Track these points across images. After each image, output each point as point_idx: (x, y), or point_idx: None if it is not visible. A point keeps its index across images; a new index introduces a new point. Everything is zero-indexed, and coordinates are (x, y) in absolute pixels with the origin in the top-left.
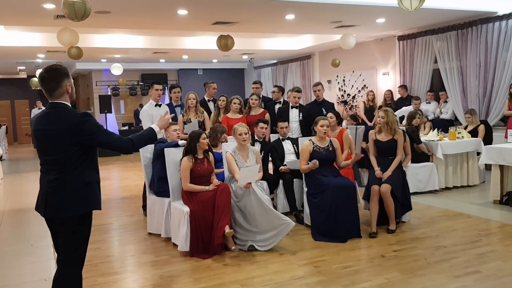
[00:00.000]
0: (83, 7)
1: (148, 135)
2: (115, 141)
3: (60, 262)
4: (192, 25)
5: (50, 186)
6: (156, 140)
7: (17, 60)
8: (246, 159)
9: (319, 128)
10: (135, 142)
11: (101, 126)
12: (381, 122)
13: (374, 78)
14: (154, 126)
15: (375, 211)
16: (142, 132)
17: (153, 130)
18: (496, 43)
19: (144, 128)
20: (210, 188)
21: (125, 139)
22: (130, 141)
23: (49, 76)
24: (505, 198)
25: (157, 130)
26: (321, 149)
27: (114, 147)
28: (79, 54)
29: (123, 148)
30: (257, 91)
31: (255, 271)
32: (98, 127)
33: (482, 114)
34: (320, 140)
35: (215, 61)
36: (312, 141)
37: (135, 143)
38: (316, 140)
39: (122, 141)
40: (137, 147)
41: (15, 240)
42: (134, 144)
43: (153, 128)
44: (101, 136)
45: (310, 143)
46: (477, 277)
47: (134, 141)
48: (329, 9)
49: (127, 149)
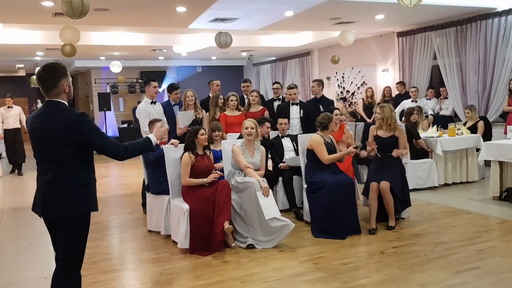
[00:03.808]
0: (81, 4)
1: (144, 144)
2: (110, 146)
3: (59, 261)
4: (191, 22)
5: (47, 187)
6: (152, 150)
7: (16, 58)
8: (252, 154)
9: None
10: (129, 150)
11: (98, 129)
12: (378, 118)
13: (373, 75)
14: (151, 136)
15: (374, 208)
16: (138, 140)
17: (149, 140)
18: (496, 39)
19: (141, 126)
20: (209, 180)
21: (120, 145)
22: (124, 148)
23: (46, 74)
24: (504, 194)
25: (153, 141)
26: (328, 144)
27: (108, 151)
28: (72, 51)
29: (117, 154)
30: (247, 90)
31: (255, 268)
32: (95, 129)
33: (482, 110)
34: (325, 135)
35: (214, 58)
36: (320, 135)
37: (129, 150)
38: (323, 134)
39: (117, 146)
40: (131, 155)
41: (15, 238)
42: (128, 151)
43: (150, 138)
44: (97, 139)
45: (320, 137)
46: (477, 273)
47: (129, 148)
48: (328, 5)
49: (121, 155)
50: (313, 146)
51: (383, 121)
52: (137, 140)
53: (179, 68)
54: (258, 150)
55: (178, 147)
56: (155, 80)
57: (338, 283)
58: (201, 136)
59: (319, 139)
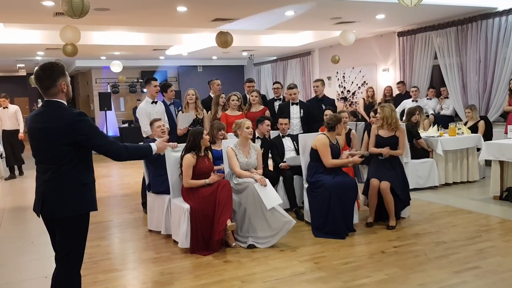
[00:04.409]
0: (81, 4)
1: (144, 150)
2: (109, 145)
3: (58, 261)
4: (192, 22)
5: (46, 186)
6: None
7: (16, 58)
8: (247, 155)
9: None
10: (129, 150)
11: (97, 128)
12: (378, 118)
13: (374, 74)
14: (153, 145)
15: (373, 203)
16: (140, 144)
17: (150, 148)
18: (496, 39)
19: (141, 126)
20: (211, 181)
21: (120, 144)
22: (124, 148)
23: (44, 74)
24: (505, 193)
25: (154, 150)
26: (333, 146)
27: (107, 150)
28: (74, 51)
29: (115, 154)
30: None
31: (255, 268)
32: (93, 128)
33: (482, 110)
34: (331, 136)
35: (215, 58)
36: (326, 136)
37: (129, 150)
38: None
39: (116, 145)
40: (129, 156)
41: (16, 238)
42: (128, 151)
43: (151, 146)
44: (96, 138)
45: (326, 138)
46: (477, 272)
47: (129, 148)
48: (329, 5)
49: (119, 155)
50: (318, 147)
51: (383, 121)
52: (138, 144)
53: (179, 68)
54: (253, 149)
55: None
56: (156, 79)
57: (338, 283)
58: (206, 137)
59: (325, 141)
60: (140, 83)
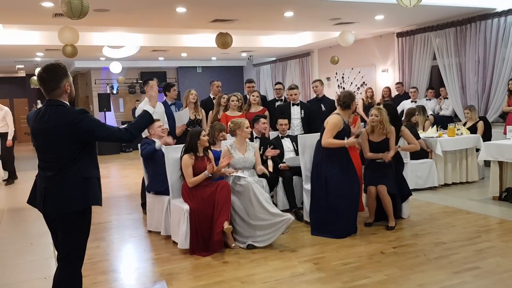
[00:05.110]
0: (80, 5)
1: (143, 119)
2: (115, 133)
3: (60, 261)
4: (191, 23)
5: (48, 182)
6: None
7: (16, 59)
8: (244, 152)
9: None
10: (132, 131)
11: (99, 121)
12: (375, 120)
13: (373, 75)
14: (148, 107)
15: (372, 206)
16: (136, 119)
17: (147, 112)
18: (495, 39)
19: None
20: (209, 170)
21: (123, 130)
22: (126, 132)
23: (48, 76)
24: (504, 194)
25: (151, 111)
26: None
27: (115, 138)
28: (73, 52)
29: (124, 139)
30: (251, 90)
31: (255, 269)
32: (95, 122)
33: (481, 111)
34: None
35: (214, 58)
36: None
37: (133, 131)
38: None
39: (120, 133)
40: (136, 134)
41: (15, 239)
42: (132, 133)
43: (147, 110)
44: (100, 131)
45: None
46: (476, 273)
47: (131, 130)
48: (328, 6)
49: (128, 139)
50: (328, 124)
51: (380, 124)
52: (135, 119)
53: (179, 69)
54: (250, 146)
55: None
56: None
57: (338, 283)
58: (203, 138)
59: (338, 123)
60: (140, 84)
